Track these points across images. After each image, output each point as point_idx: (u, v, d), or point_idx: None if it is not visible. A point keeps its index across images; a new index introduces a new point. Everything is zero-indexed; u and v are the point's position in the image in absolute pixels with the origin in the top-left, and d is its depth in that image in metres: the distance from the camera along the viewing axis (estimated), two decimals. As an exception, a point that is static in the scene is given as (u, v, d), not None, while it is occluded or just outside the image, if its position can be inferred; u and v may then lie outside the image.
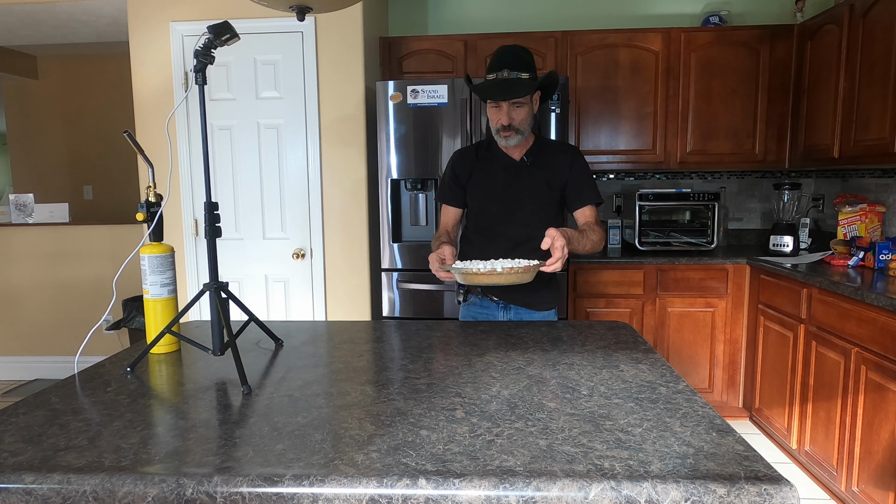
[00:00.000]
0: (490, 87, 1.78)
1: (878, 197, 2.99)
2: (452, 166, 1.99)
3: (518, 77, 1.77)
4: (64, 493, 0.78)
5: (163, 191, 2.89)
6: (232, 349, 1.18)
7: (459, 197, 1.99)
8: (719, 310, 3.07)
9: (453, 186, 1.99)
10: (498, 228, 1.93)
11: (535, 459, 0.82)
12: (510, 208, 1.91)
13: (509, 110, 1.78)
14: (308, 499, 0.76)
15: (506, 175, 1.91)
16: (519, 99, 1.77)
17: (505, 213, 1.91)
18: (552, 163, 1.89)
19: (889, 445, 2.03)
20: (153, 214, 1.38)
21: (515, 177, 1.90)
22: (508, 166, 1.91)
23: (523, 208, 1.90)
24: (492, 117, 1.84)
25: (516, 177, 1.90)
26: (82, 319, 4.05)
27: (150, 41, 2.98)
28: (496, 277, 1.44)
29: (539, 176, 1.89)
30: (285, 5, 1.34)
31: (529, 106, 1.81)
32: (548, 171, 1.89)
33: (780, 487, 0.74)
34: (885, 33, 2.45)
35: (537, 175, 1.89)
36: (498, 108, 1.80)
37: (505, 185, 1.91)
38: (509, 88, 1.75)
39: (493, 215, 1.93)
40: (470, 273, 1.47)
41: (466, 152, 1.99)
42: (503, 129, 1.80)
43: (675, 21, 3.55)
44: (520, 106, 1.78)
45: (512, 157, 1.91)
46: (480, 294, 1.97)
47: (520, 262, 1.51)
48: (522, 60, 1.79)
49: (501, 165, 1.92)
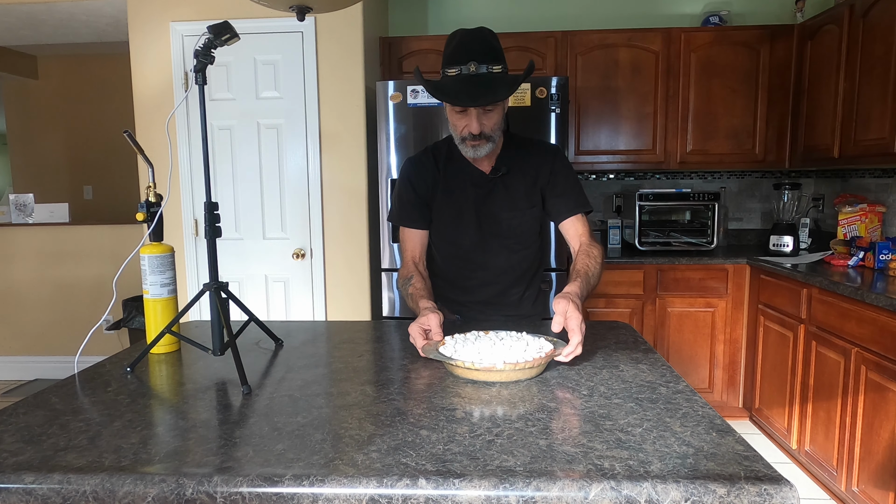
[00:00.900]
0: (455, 86, 1.39)
1: (878, 197, 2.99)
2: (409, 179, 1.60)
3: (490, 72, 1.39)
4: (64, 493, 0.78)
5: (163, 191, 2.89)
6: (232, 349, 1.18)
7: (424, 215, 1.60)
8: (719, 310, 3.07)
9: (415, 203, 1.59)
10: (474, 256, 1.61)
11: (535, 459, 0.82)
12: (486, 231, 1.59)
13: (479, 115, 1.42)
14: (308, 499, 0.76)
15: (476, 192, 1.58)
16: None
17: (480, 238, 1.59)
18: (529, 167, 1.57)
19: (889, 445, 2.03)
20: (153, 214, 1.38)
21: (488, 193, 1.57)
22: (478, 181, 1.57)
23: (501, 229, 1.58)
24: (455, 123, 1.47)
25: (489, 193, 1.57)
26: (82, 319, 4.05)
27: (150, 41, 2.98)
28: (496, 375, 1.13)
29: (515, 187, 1.56)
30: (285, 5, 1.34)
31: (502, 108, 1.47)
32: (524, 178, 1.57)
33: (780, 487, 0.74)
34: (885, 33, 2.45)
35: (512, 186, 1.56)
36: (464, 114, 1.44)
37: (476, 204, 1.57)
38: (483, 89, 1.38)
39: (466, 241, 1.60)
40: (461, 367, 1.15)
41: (423, 162, 1.61)
42: (472, 138, 1.45)
43: (675, 21, 3.55)
44: (492, 110, 1.43)
45: (480, 169, 1.57)
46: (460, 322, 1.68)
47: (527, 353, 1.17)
48: (492, 49, 1.41)
49: (469, 180, 1.57)
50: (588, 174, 3.66)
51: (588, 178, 3.68)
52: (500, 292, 1.67)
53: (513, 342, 1.23)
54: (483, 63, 1.38)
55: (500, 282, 1.65)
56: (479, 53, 1.39)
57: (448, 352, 1.20)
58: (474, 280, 1.65)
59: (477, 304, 1.70)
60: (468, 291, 1.68)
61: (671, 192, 3.22)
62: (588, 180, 3.69)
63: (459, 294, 1.70)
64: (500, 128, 1.50)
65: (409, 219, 1.61)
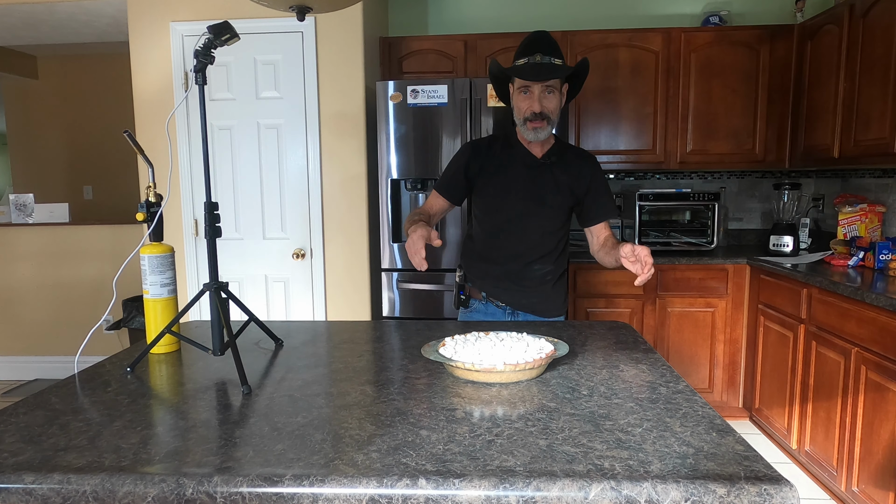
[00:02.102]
0: (523, 68, 1.65)
1: (878, 197, 2.99)
2: (464, 156, 1.81)
3: (552, 62, 1.64)
4: (64, 493, 0.78)
5: (163, 191, 2.89)
6: (232, 349, 1.18)
7: (461, 191, 1.82)
8: (719, 310, 3.07)
9: (459, 178, 1.81)
10: (513, 229, 1.79)
11: (535, 459, 0.82)
12: (530, 208, 1.77)
13: (541, 97, 1.65)
14: (308, 499, 0.76)
15: (527, 173, 1.76)
16: (551, 84, 1.65)
17: (523, 214, 1.77)
18: (574, 168, 1.78)
19: (889, 445, 2.03)
20: (153, 214, 1.38)
21: (538, 175, 1.76)
22: (530, 164, 1.76)
23: (544, 210, 1.77)
24: (520, 105, 1.69)
25: (539, 175, 1.76)
26: (82, 319, 4.05)
27: (150, 41, 2.98)
28: (496, 376, 1.13)
29: (559, 176, 1.76)
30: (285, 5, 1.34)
31: (560, 96, 1.69)
32: (570, 175, 1.77)
33: (780, 487, 0.74)
34: (885, 33, 2.45)
35: (560, 177, 1.76)
36: (528, 96, 1.66)
37: (526, 183, 1.76)
38: (545, 70, 1.62)
39: (509, 214, 1.78)
40: (461, 368, 1.15)
41: (480, 144, 1.83)
42: (533, 119, 1.66)
43: (675, 21, 3.55)
44: (552, 92, 1.66)
45: (533, 154, 1.77)
46: (485, 299, 1.86)
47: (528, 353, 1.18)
48: (554, 46, 1.67)
49: (522, 162, 1.77)
50: (588, 174, 3.66)
51: (588, 178, 3.68)
52: (525, 265, 1.82)
53: (513, 343, 1.23)
54: (547, 55, 1.65)
55: (528, 256, 1.81)
56: (543, 48, 1.65)
57: (448, 353, 1.20)
58: (506, 251, 1.82)
59: (503, 276, 1.84)
60: (498, 263, 1.84)
61: (671, 192, 3.22)
62: (588, 180, 3.68)
63: (489, 266, 1.85)
64: (557, 115, 1.71)
65: (447, 189, 1.82)
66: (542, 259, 1.81)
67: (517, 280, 1.82)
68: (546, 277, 1.84)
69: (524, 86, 1.67)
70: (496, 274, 1.84)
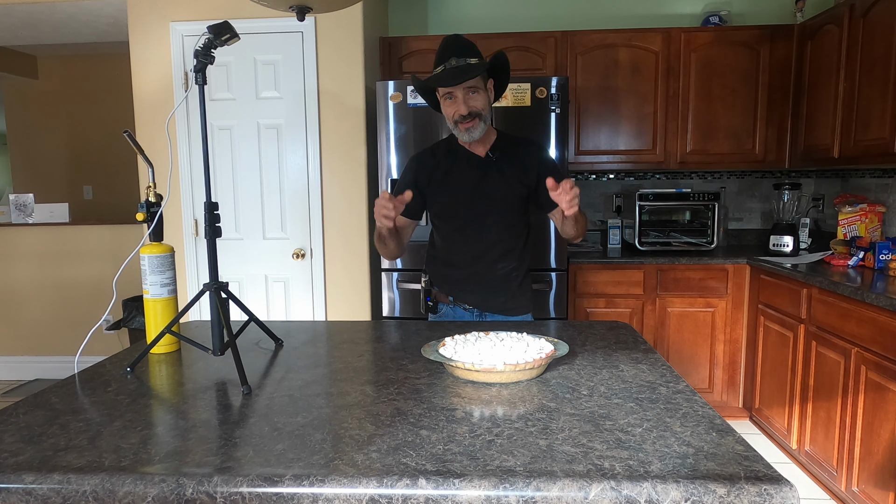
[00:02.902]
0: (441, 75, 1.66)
1: (878, 197, 2.99)
2: (410, 171, 1.84)
3: (467, 63, 1.65)
4: (64, 493, 0.78)
5: (163, 191, 2.89)
6: (232, 349, 1.18)
7: (416, 205, 1.81)
8: (719, 310, 3.07)
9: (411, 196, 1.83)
10: (470, 230, 1.80)
11: (535, 459, 0.82)
12: (481, 208, 1.78)
13: (465, 98, 1.66)
14: (308, 499, 0.76)
15: (473, 173, 1.78)
16: (472, 84, 1.65)
17: (476, 214, 1.78)
18: (520, 158, 1.79)
19: (889, 445, 2.03)
20: (153, 214, 1.38)
21: (484, 174, 1.77)
22: (474, 164, 1.78)
23: (495, 207, 1.78)
24: (448, 111, 1.71)
25: (485, 174, 1.77)
26: (82, 319, 4.05)
27: (150, 41, 2.98)
28: (496, 376, 1.14)
29: (507, 170, 1.77)
30: (285, 5, 1.34)
31: (485, 93, 1.70)
32: (517, 167, 1.78)
33: (780, 487, 0.74)
34: (885, 33, 2.45)
35: (506, 171, 1.77)
36: (453, 101, 1.68)
37: (474, 184, 1.77)
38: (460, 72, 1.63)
39: (464, 217, 1.79)
40: (461, 368, 1.15)
41: (424, 155, 1.86)
42: (462, 120, 1.67)
43: (675, 21, 3.55)
44: (476, 92, 1.67)
45: (476, 154, 1.79)
46: (452, 303, 1.86)
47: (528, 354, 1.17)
48: (468, 47, 1.68)
49: (467, 164, 1.79)
50: (588, 174, 3.67)
51: (588, 178, 3.68)
52: (489, 265, 1.82)
53: (513, 343, 1.23)
54: (461, 57, 1.65)
55: (490, 255, 1.81)
56: (456, 51, 1.66)
57: (448, 353, 1.20)
58: (467, 254, 1.82)
59: (468, 278, 1.84)
60: (461, 266, 1.84)
61: (671, 192, 3.22)
62: (588, 180, 3.69)
63: (454, 270, 1.86)
64: (488, 112, 1.71)
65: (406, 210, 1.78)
66: (504, 257, 1.81)
67: (482, 281, 1.83)
68: (511, 275, 1.84)
69: (447, 92, 1.69)
70: (460, 277, 1.85)
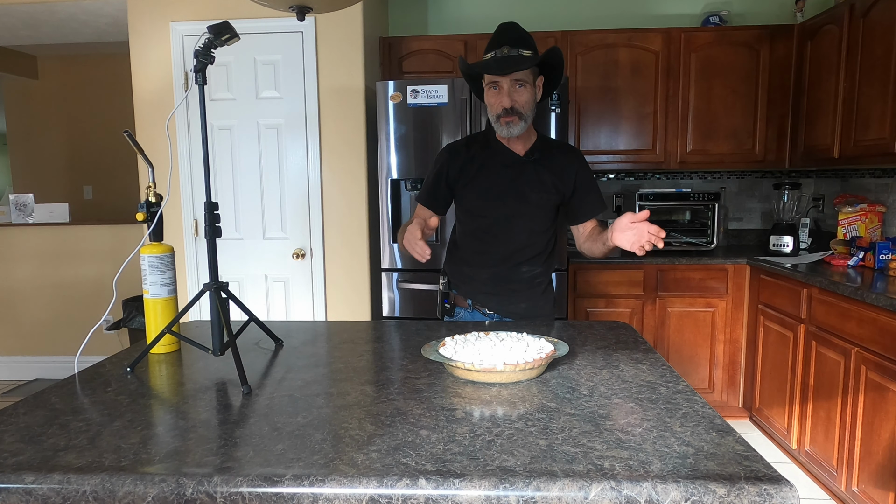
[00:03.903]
0: (489, 62, 1.58)
1: (878, 197, 2.99)
2: (441, 163, 1.75)
3: (519, 54, 1.57)
4: (64, 493, 0.78)
5: (163, 191, 2.89)
6: (232, 349, 1.18)
7: (443, 199, 1.76)
8: (719, 310, 3.07)
9: (440, 186, 1.74)
10: (498, 231, 1.72)
11: (535, 459, 0.82)
12: (514, 209, 1.70)
13: (510, 92, 1.58)
14: (308, 499, 0.76)
15: (509, 172, 1.69)
16: (520, 77, 1.57)
17: (508, 215, 1.70)
18: (558, 165, 1.70)
19: (889, 445, 2.03)
20: (153, 214, 1.38)
21: (520, 174, 1.69)
22: (511, 162, 1.69)
23: (528, 210, 1.70)
24: (491, 102, 1.62)
25: (521, 174, 1.69)
26: (82, 319, 4.05)
27: (150, 41, 2.98)
28: (496, 376, 1.13)
29: (543, 173, 1.69)
30: (285, 5, 1.34)
31: (532, 90, 1.62)
32: (554, 172, 1.69)
33: (780, 487, 0.74)
34: (885, 33, 2.45)
35: (541, 172, 1.69)
36: (498, 91, 1.60)
37: (509, 183, 1.69)
38: (511, 63, 1.55)
39: (493, 217, 1.71)
40: (461, 368, 1.15)
41: (457, 147, 1.75)
42: (504, 114, 1.59)
43: (675, 21, 3.55)
44: (522, 86, 1.59)
45: (514, 152, 1.70)
46: (471, 307, 1.79)
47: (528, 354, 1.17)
48: (523, 38, 1.59)
49: (502, 161, 1.70)
50: (588, 174, 3.66)
51: (588, 178, 3.68)
52: (513, 267, 1.76)
53: (513, 343, 1.22)
54: (514, 46, 1.58)
55: (516, 258, 1.75)
56: (511, 39, 1.58)
57: (448, 353, 1.20)
58: (493, 255, 1.75)
59: (491, 280, 1.78)
60: (485, 267, 1.78)
61: (671, 192, 3.22)
62: (588, 180, 3.68)
63: (476, 271, 1.79)
64: (531, 110, 1.63)
65: (430, 200, 1.77)
66: (530, 261, 1.75)
67: (505, 284, 1.77)
68: (536, 280, 1.79)
69: (492, 81, 1.61)
70: (483, 279, 1.78)
